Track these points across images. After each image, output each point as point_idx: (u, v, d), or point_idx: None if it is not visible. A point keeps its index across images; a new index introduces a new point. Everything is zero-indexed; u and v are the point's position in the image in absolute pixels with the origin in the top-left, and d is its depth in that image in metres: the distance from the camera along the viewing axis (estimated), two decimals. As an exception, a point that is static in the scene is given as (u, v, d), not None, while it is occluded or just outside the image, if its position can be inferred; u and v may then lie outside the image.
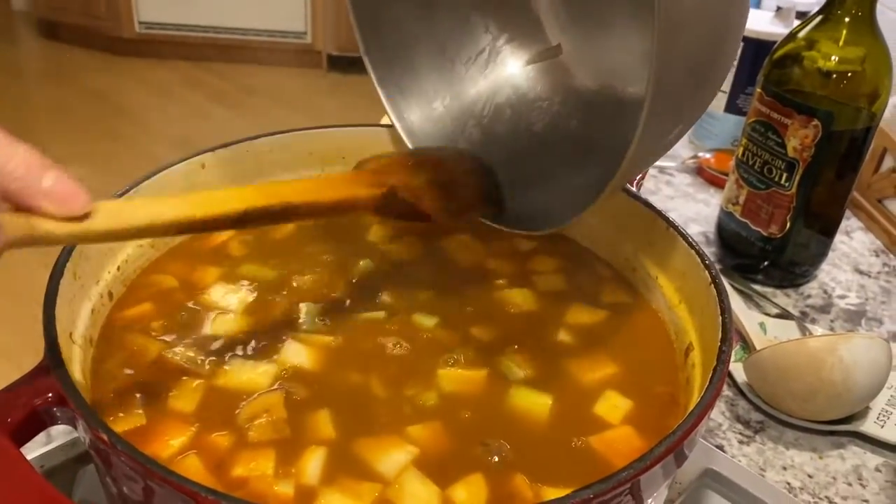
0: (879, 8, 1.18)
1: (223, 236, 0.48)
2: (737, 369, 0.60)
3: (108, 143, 2.87)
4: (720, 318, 0.37)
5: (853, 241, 0.82)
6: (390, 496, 0.33)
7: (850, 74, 0.64)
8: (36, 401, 0.30)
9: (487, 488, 0.33)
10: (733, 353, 0.63)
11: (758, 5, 1.23)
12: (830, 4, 0.63)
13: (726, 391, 0.61)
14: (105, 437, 0.29)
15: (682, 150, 0.97)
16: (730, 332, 0.36)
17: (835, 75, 0.64)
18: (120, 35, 3.38)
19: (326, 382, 0.38)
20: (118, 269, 0.44)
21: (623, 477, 0.29)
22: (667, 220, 0.44)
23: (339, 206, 0.40)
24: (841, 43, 0.63)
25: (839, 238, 0.81)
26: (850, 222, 0.85)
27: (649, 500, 0.34)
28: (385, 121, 0.90)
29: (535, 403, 0.39)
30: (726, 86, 0.92)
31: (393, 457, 0.34)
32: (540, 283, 0.48)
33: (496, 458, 0.35)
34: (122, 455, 0.28)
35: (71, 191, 0.29)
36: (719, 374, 0.34)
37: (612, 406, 0.39)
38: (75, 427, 0.31)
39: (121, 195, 0.44)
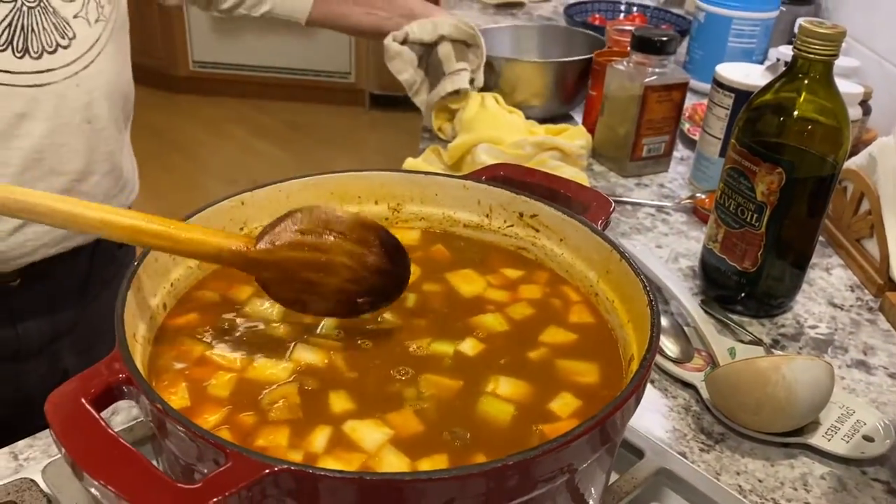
0: (878, 60, 1.27)
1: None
2: (703, 387, 0.68)
3: (160, 174, 3.05)
4: (650, 333, 0.46)
5: (832, 276, 0.89)
6: (371, 464, 0.42)
7: (809, 127, 0.72)
8: (110, 379, 0.40)
9: (449, 462, 0.42)
10: (703, 374, 0.71)
11: (763, 58, 1.31)
12: (792, 68, 0.72)
13: (694, 406, 0.68)
14: (160, 406, 0.38)
15: (681, 190, 1.05)
16: (655, 345, 0.45)
17: (796, 128, 0.72)
18: (175, 73, 3.58)
19: (332, 377, 0.48)
20: (171, 285, 0.54)
21: (548, 447, 0.37)
22: (619, 251, 0.53)
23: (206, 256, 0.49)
24: (801, 100, 0.71)
25: (818, 274, 0.89)
26: (831, 260, 0.92)
27: (586, 482, 0.42)
28: (407, 164, 1.01)
29: (501, 408, 0.47)
30: (721, 133, 1.01)
31: (374, 435, 0.43)
32: (523, 307, 0.57)
33: (458, 443, 0.44)
34: (171, 420, 0.38)
35: None
36: (639, 376, 0.42)
37: (565, 404, 0.48)
38: (137, 401, 0.41)
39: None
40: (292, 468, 0.35)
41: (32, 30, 0.68)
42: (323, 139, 3.38)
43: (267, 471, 0.35)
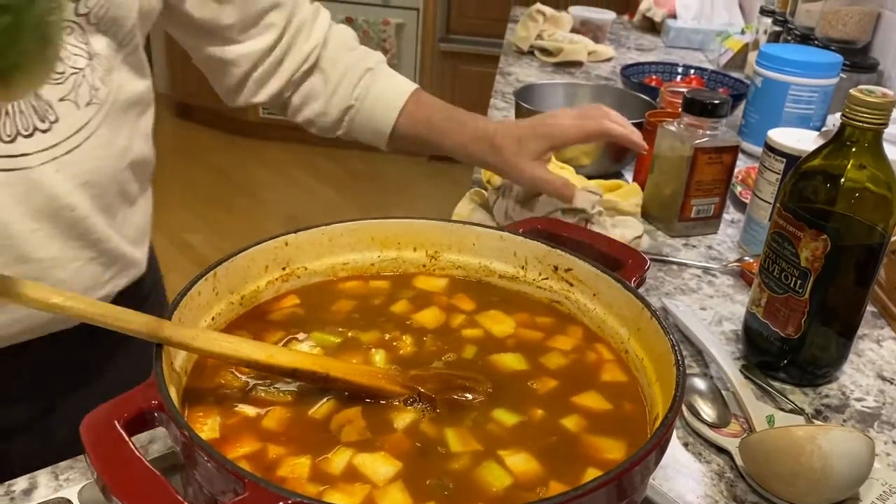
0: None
1: (284, 304, 0.61)
2: (737, 453, 0.67)
3: (224, 214, 3.15)
4: (674, 392, 0.45)
5: (882, 349, 0.86)
6: (375, 496, 0.43)
7: (857, 195, 0.71)
8: (144, 405, 0.42)
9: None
10: (738, 440, 0.69)
11: (821, 124, 1.30)
12: (840, 136, 0.71)
13: (728, 473, 0.67)
14: (186, 433, 0.40)
15: (730, 253, 1.04)
16: (678, 405, 0.44)
17: (842, 195, 0.72)
18: (245, 119, 3.72)
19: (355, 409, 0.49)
20: (212, 319, 0.56)
21: (562, 497, 0.38)
22: (650, 309, 0.53)
23: (368, 391, 0.51)
24: (849, 167, 0.71)
25: (868, 345, 0.86)
26: (883, 331, 0.89)
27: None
28: (456, 213, 1.02)
29: (518, 466, 0.47)
30: (771, 197, 1.00)
31: (384, 469, 0.45)
32: (554, 360, 0.57)
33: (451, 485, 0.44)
34: (196, 447, 0.39)
35: None
36: (658, 434, 0.42)
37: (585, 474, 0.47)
38: (168, 428, 0.43)
39: (223, 261, 0.57)
40: (304, 501, 0.36)
41: (7, 112, 0.62)
42: (382, 187, 3.45)
43: (281, 503, 0.37)
